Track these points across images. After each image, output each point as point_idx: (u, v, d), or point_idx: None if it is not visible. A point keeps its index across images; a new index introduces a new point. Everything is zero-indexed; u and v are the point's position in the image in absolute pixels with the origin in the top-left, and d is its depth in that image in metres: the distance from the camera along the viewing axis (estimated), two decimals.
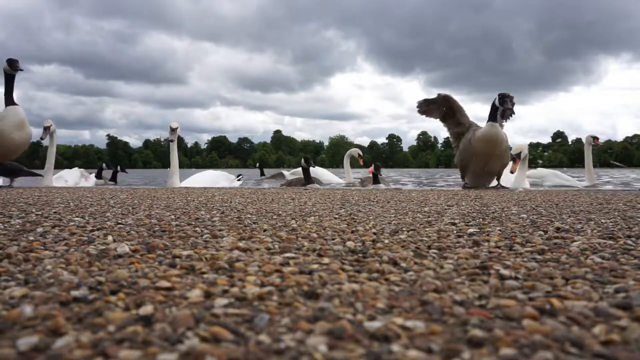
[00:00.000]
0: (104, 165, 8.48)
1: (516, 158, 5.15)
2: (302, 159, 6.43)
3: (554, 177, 6.91)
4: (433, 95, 5.30)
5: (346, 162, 8.20)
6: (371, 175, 6.35)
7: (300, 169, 8.00)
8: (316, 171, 7.36)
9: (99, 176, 8.05)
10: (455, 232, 1.31)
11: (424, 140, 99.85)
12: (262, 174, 11.42)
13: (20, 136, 4.58)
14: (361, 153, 8.03)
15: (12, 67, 4.58)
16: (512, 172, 5.10)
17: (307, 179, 6.31)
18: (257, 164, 12.82)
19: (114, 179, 8.11)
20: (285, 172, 9.19)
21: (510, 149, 5.01)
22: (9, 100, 4.58)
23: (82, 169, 6.83)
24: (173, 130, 5.46)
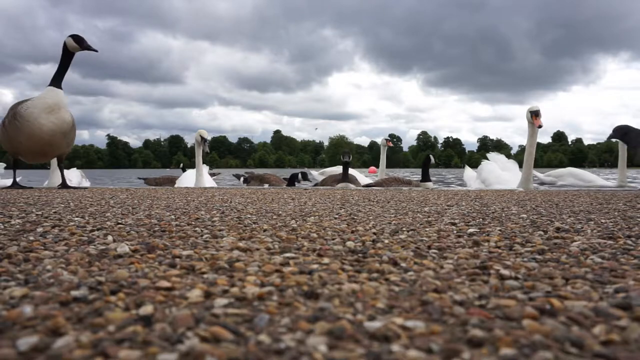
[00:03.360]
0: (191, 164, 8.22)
1: (533, 115, 4.69)
2: (342, 154, 6.15)
3: (569, 176, 6.34)
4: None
5: (383, 154, 7.63)
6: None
7: (329, 168, 7.72)
8: (333, 169, 7.13)
9: None
10: (455, 232, 1.31)
11: (424, 140, 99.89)
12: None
13: (50, 121, 3.71)
14: (390, 140, 7.72)
15: (80, 44, 3.84)
16: (540, 127, 4.72)
17: (345, 175, 5.99)
18: (181, 165, 11.86)
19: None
20: (314, 172, 8.58)
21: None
22: (55, 82, 3.85)
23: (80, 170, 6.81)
24: (205, 140, 5.78)
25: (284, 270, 0.81)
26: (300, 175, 7.38)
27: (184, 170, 11.05)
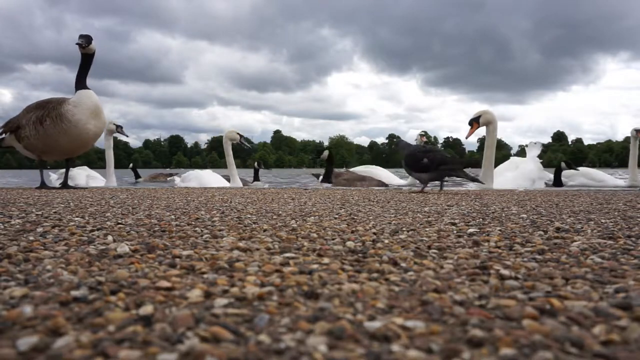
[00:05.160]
0: (256, 164, 7.39)
1: (473, 122, 4.38)
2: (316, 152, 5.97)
3: (580, 176, 6.14)
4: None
5: None
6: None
7: (352, 168, 7.31)
8: (371, 170, 6.73)
9: (256, 178, 7.10)
10: (455, 232, 1.31)
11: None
12: (137, 176, 9.88)
13: (95, 125, 3.88)
14: (424, 135, 6.86)
15: (81, 44, 3.83)
16: (466, 138, 4.62)
17: (327, 174, 5.84)
18: (131, 165, 10.48)
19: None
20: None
21: None
22: (81, 84, 3.89)
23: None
24: (242, 136, 5.75)
25: (284, 270, 0.81)
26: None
27: (134, 170, 10.22)
